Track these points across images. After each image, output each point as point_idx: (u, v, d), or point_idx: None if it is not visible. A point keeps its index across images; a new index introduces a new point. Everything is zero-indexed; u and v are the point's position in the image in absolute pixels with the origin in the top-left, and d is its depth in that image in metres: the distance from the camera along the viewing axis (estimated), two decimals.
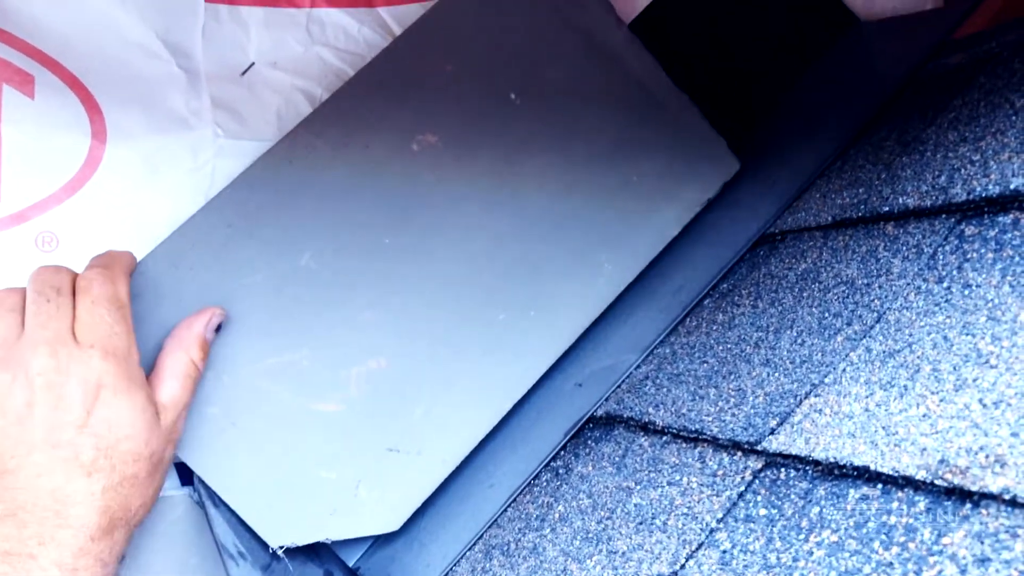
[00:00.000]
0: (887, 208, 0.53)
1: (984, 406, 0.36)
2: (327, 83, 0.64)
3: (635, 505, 0.48)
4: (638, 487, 0.49)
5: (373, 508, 0.60)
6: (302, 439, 0.60)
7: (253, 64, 0.63)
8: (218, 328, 0.59)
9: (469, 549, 0.56)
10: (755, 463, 0.44)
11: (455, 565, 0.55)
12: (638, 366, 0.60)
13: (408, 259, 0.63)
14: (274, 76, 0.64)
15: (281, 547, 0.58)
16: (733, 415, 0.48)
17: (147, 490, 0.53)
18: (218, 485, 0.58)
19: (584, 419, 0.59)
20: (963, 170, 0.50)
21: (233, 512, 0.58)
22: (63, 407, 0.50)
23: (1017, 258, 0.42)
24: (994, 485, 0.33)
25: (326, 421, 0.60)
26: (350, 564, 0.61)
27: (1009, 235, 0.44)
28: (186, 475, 0.61)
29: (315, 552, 0.61)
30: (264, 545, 0.58)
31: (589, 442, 0.57)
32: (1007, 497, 0.32)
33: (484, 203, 0.64)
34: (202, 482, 0.58)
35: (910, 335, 0.44)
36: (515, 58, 0.65)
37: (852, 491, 0.38)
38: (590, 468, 0.54)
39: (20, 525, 0.49)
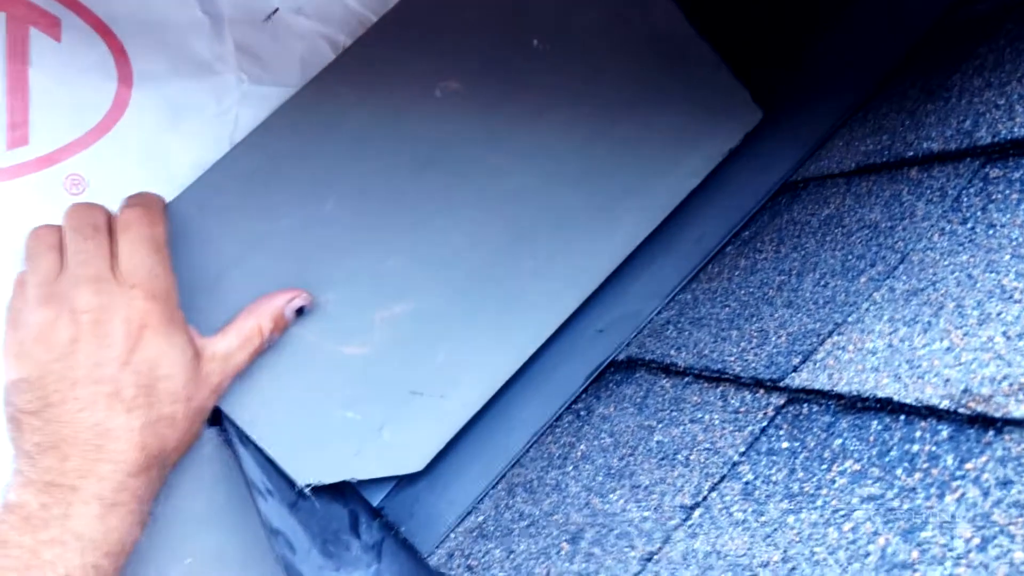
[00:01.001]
0: (911, 153, 0.54)
1: (1008, 338, 0.37)
2: (350, 29, 0.64)
3: (657, 442, 0.49)
4: (660, 425, 0.50)
5: (397, 449, 0.61)
6: (328, 381, 0.60)
7: (277, 10, 0.63)
8: (300, 311, 0.60)
9: (492, 487, 0.57)
10: (777, 399, 0.45)
11: (478, 503, 0.56)
12: (659, 312, 0.60)
13: (431, 206, 0.63)
14: (298, 22, 0.64)
15: (307, 485, 0.59)
16: (755, 354, 0.48)
17: (183, 432, 0.54)
18: (246, 424, 0.59)
19: (605, 363, 0.60)
20: (988, 114, 0.50)
21: (260, 451, 0.59)
22: (107, 344, 0.52)
23: None
24: (1017, 412, 0.34)
25: (351, 364, 0.61)
26: (374, 504, 0.62)
27: None
28: (213, 416, 0.62)
29: (340, 492, 0.62)
30: (291, 483, 0.59)
31: (611, 385, 0.58)
32: None
33: (506, 150, 0.64)
34: (231, 421, 0.59)
35: (934, 274, 0.44)
36: (538, 5, 0.65)
37: (875, 423, 0.39)
38: (612, 409, 0.55)
39: (62, 458, 0.50)
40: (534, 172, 0.64)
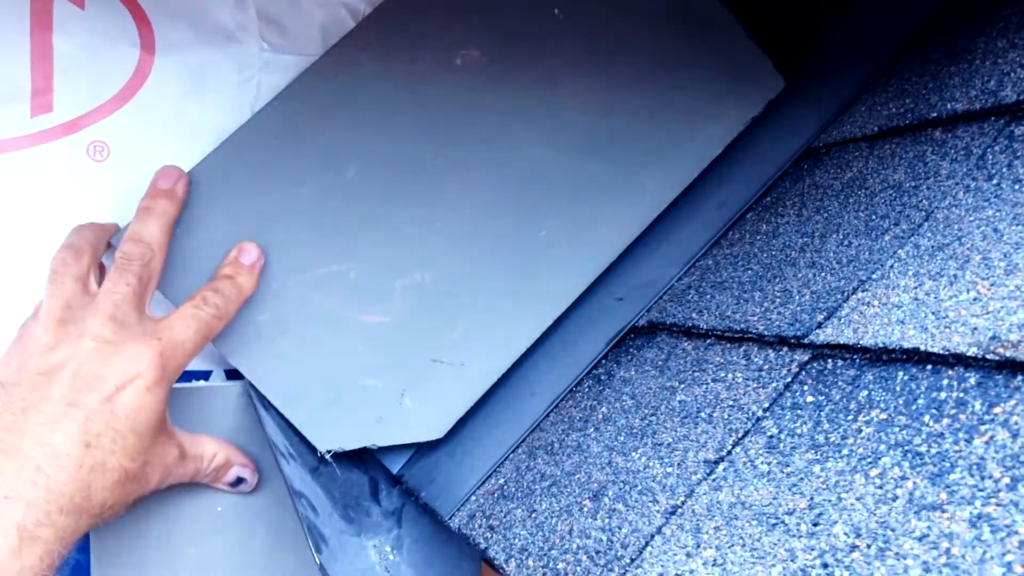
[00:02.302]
0: (935, 114, 0.53)
1: None
2: None
3: (679, 402, 0.49)
4: (682, 386, 0.50)
5: (417, 416, 0.61)
6: (349, 348, 0.61)
7: None
8: (237, 482, 0.60)
9: (512, 452, 0.57)
10: (802, 356, 0.45)
11: (498, 467, 0.56)
12: (680, 278, 0.60)
13: (452, 174, 0.63)
14: None
15: (328, 451, 0.59)
16: (779, 313, 0.48)
17: (120, 496, 0.51)
18: (268, 390, 0.59)
19: (626, 329, 0.60)
20: (1013, 74, 0.50)
21: (282, 416, 0.59)
22: (99, 376, 0.50)
23: None
24: None
25: (372, 332, 0.61)
26: (394, 472, 0.62)
27: None
28: (234, 373, 0.62)
29: (360, 459, 0.62)
30: (312, 449, 0.59)
31: (631, 349, 0.58)
32: None
33: (528, 119, 0.64)
34: (253, 387, 0.59)
35: (959, 230, 0.44)
36: None
37: (901, 373, 0.39)
38: (632, 373, 0.55)
39: None
40: (555, 141, 0.64)
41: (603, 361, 0.59)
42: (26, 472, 0.47)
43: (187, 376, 0.61)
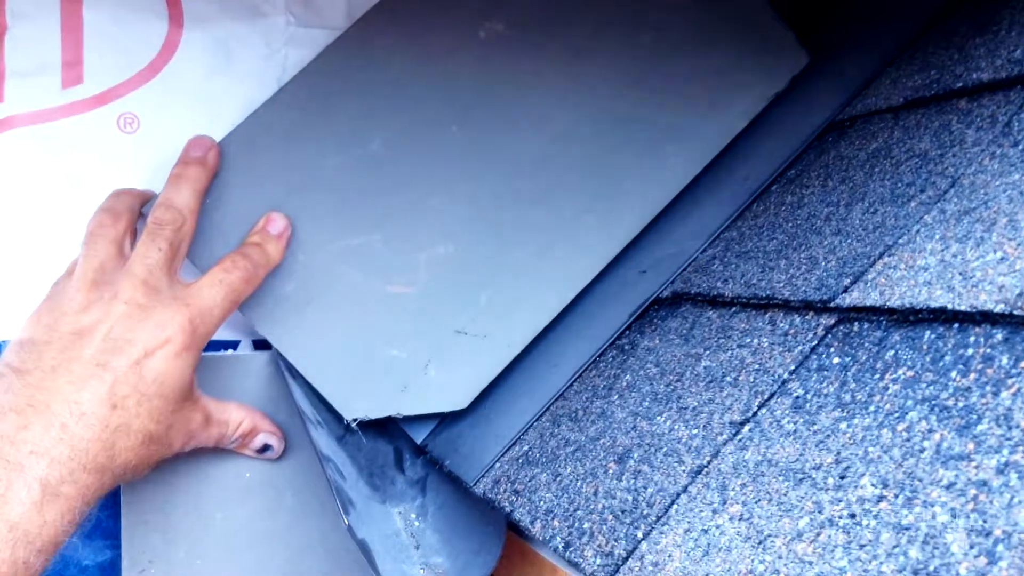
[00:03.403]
0: (960, 84, 0.53)
1: None
2: None
3: (704, 368, 0.49)
4: (707, 352, 0.50)
5: (442, 387, 0.62)
6: (374, 319, 0.61)
7: None
8: (264, 448, 0.61)
9: (536, 420, 0.58)
10: (828, 320, 0.45)
11: (522, 435, 0.57)
12: (704, 250, 0.61)
13: (475, 147, 0.64)
14: None
15: (355, 420, 0.60)
16: (805, 279, 0.48)
17: (144, 457, 0.52)
18: (295, 359, 0.60)
19: (649, 301, 0.60)
20: None
21: (310, 385, 0.60)
22: (129, 339, 0.51)
23: None
24: None
25: (397, 302, 0.62)
26: (418, 442, 0.63)
27: None
28: (261, 344, 0.63)
29: (385, 429, 0.63)
30: (338, 417, 0.60)
31: (655, 320, 0.58)
32: None
33: (551, 92, 0.64)
34: (280, 356, 0.60)
35: (985, 194, 0.44)
36: None
37: (928, 332, 0.39)
38: (657, 342, 0.56)
39: (21, 425, 0.47)
40: (579, 114, 0.65)
41: (627, 332, 0.60)
42: (52, 429, 0.48)
43: (215, 345, 0.62)
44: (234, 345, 0.64)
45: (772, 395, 0.43)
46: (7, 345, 0.52)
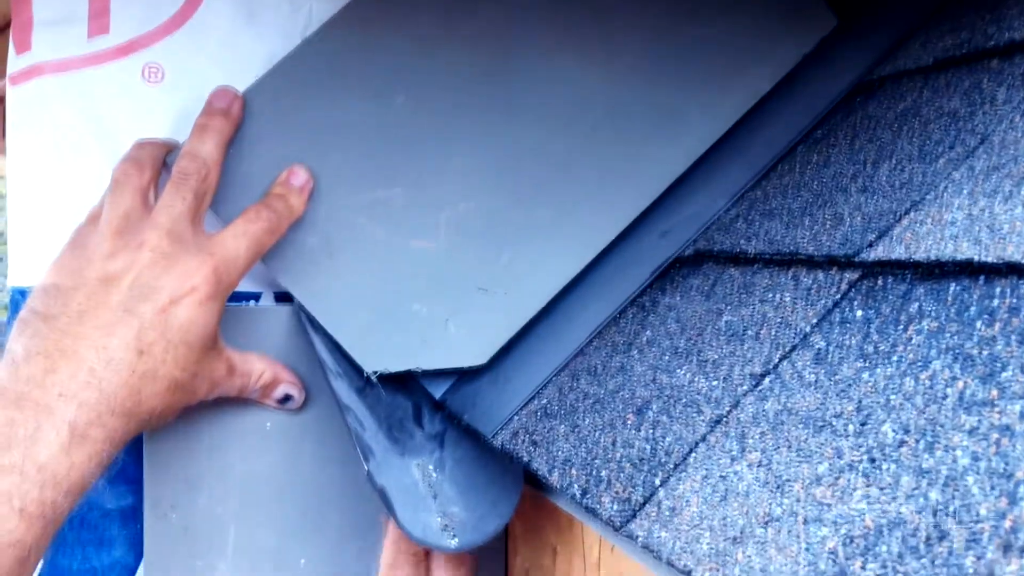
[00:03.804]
0: (992, 44, 0.53)
1: None
2: None
3: (725, 322, 0.49)
4: (728, 308, 0.50)
5: (461, 342, 0.62)
6: (396, 273, 0.62)
7: None
8: (285, 399, 0.61)
9: (555, 376, 0.58)
10: (851, 275, 0.45)
11: (541, 389, 0.57)
12: (728, 210, 0.60)
13: (499, 105, 0.63)
14: None
15: (375, 373, 0.60)
16: (829, 236, 0.48)
17: (168, 404, 0.53)
18: (317, 311, 0.60)
19: (671, 260, 0.60)
20: None
21: (330, 337, 0.60)
22: (155, 287, 0.51)
23: None
24: None
25: (418, 258, 0.62)
26: (436, 397, 0.63)
27: None
28: (283, 297, 0.63)
29: (404, 384, 0.63)
30: (359, 370, 0.60)
31: (676, 278, 0.58)
32: None
33: (576, 52, 0.64)
34: (302, 308, 0.60)
35: (1015, 151, 0.44)
36: None
37: (953, 285, 0.39)
38: (678, 299, 0.55)
39: (49, 369, 0.48)
40: (604, 74, 0.64)
41: (648, 290, 0.60)
42: (80, 374, 0.48)
43: (238, 297, 0.62)
44: (256, 297, 0.64)
45: (794, 348, 0.43)
46: (32, 290, 0.53)
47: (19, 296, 0.59)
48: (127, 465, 0.60)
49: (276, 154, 0.60)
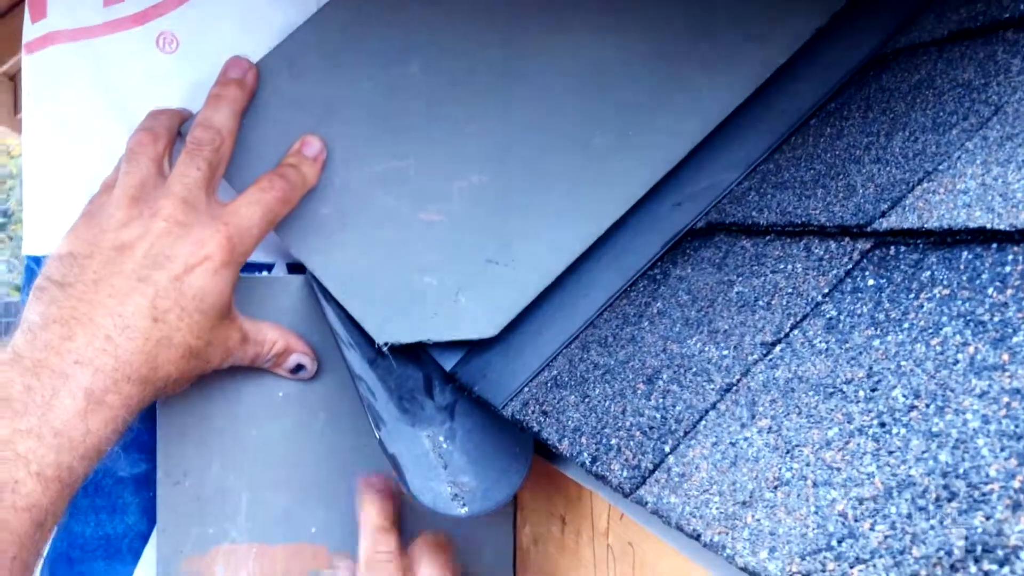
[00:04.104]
0: (1007, 15, 0.52)
1: None
2: None
3: (737, 293, 0.49)
4: (740, 279, 0.50)
5: (472, 314, 0.62)
6: (407, 245, 0.62)
7: None
8: (297, 368, 0.62)
9: (565, 347, 0.58)
10: (864, 244, 0.45)
11: (551, 360, 0.57)
12: (740, 182, 0.60)
13: (513, 76, 0.63)
14: None
15: (386, 344, 0.60)
16: (842, 206, 0.48)
17: (183, 371, 0.53)
18: (329, 281, 0.60)
19: (683, 232, 0.60)
20: None
21: (342, 308, 0.60)
22: (169, 256, 0.52)
23: None
24: None
25: (430, 230, 0.62)
26: (447, 369, 0.63)
27: None
28: (296, 267, 0.64)
29: (415, 355, 0.63)
30: (370, 341, 0.60)
31: (688, 250, 0.58)
32: None
33: (591, 23, 0.64)
34: (314, 278, 0.60)
35: None
36: None
37: (965, 252, 0.39)
38: (689, 271, 0.56)
39: (66, 336, 0.48)
40: (617, 47, 0.64)
41: (659, 262, 0.60)
42: (97, 340, 0.49)
43: (251, 268, 0.63)
44: (269, 268, 0.64)
45: (805, 316, 0.43)
46: (47, 259, 0.53)
47: (34, 264, 0.60)
48: (141, 433, 0.61)
49: (290, 123, 0.60)
